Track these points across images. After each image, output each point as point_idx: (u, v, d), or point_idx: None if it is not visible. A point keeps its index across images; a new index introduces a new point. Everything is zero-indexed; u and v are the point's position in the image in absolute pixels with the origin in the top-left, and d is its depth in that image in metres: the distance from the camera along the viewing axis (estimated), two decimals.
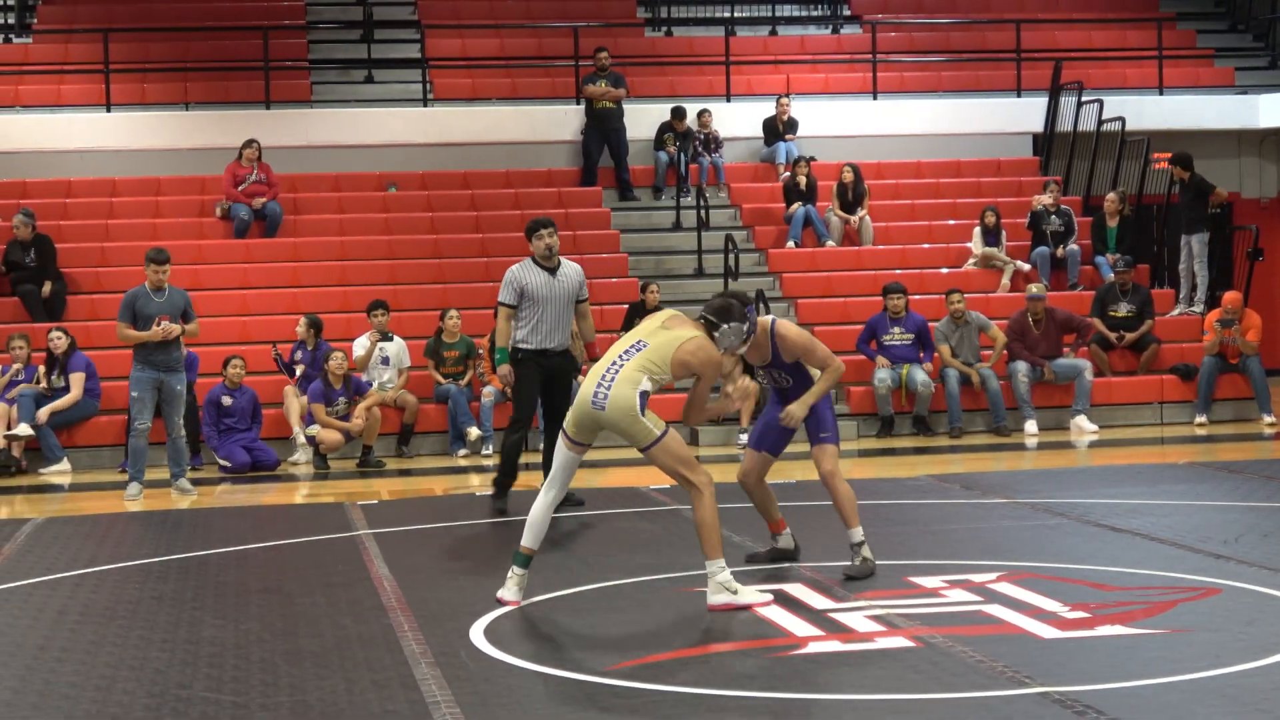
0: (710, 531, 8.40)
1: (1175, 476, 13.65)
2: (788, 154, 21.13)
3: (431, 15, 23.32)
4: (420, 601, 8.83)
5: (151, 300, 13.95)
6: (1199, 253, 19.68)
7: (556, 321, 12.14)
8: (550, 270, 12.15)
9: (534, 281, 12.10)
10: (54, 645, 8.04)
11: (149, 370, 13.95)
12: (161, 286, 14.01)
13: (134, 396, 14.05)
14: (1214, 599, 8.44)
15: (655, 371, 8.47)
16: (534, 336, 12.11)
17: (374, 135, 21.08)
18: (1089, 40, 24.19)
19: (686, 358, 8.53)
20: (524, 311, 12.13)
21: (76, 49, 21.97)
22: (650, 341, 8.57)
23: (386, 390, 16.65)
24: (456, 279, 18.95)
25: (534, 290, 12.08)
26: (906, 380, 17.33)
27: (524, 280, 12.11)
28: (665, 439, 8.41)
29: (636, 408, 8.36)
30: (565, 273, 12.20)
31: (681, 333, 8.61)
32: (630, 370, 8.44)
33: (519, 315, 12.16)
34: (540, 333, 12.10)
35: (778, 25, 24.49)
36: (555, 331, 12.14)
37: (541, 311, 12.09)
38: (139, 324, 13.91)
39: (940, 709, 6.49)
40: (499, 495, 12.35)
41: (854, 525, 9.23)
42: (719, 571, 8.40)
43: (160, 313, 13.87)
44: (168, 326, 13.81)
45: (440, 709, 6.61)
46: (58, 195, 19.87)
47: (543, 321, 12.10)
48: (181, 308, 14.01)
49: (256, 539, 11.44)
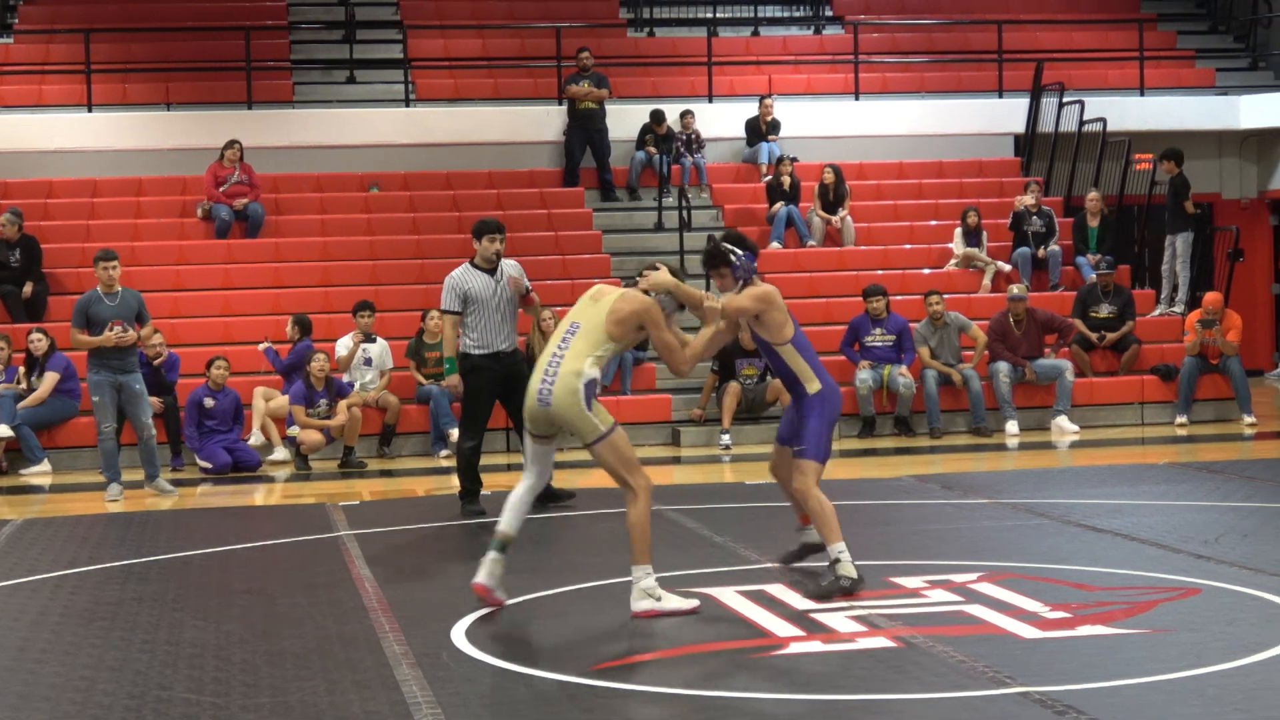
0: (640, 536, 8.31)
1: (1156, 477, 13.68)
2: (770, 155, 21.14)
3: (414, 15, 23.31)
4: (402, 602, 8.83)
5: (104, 304, 13.84)
6: (1182, 252, 19.74)
7: (503, 322, 12.13)
8: (490, 272, 12.14)
9: (476, 285, 12.08)
10: (34, 647, 8.02)
11: (105, 373, 13.85)
12: (113, 288, 13.88)
13: (95, 401, 13.95)
14: (1194, 599, 8.46)
15: (597, 349, 8.37)
16: (484, 340, 12.09)
17: (356, 136, 21.06)
18: (1070, 41, 24.24)
19: (619, 314, 8.40)
20: (469, 317, 12.11)
21: (58, 49, 21.93)
22: (582, 320, 8.48)
23: (369, 391, 16.64)
24: (438, 280, 18.66)
25: (477, 294, 12.06)
26: (888, 381, 17.35)
27: (467, 285, 12.09)
28: (611, 436, 8.33)
29: (582, 402, 8.27)
30: (504, 272, 12.19)
31: (607, 299, 8.52)
32: (571, 360, 8.33)
33: (465, 321, 12.14)
34: (489, 335, 12.09)
35: (760, 26, 24.51)
36: (502, 332, 12.13)
37: (488, 315, 12.07)
38: (92, 328, 13.79)
39: (921, 709, 6.49)
40: (470, 501, 12.33)
41: (832, 541, 8.76)
42: (644, 578, 8.32)
43: (114, 316, 13.75)
44: (120, 333, 13.67)
45: (422, 710, 6.60)
46: (39, 196, 19.82)
47: (489, 324, 12.08)
48: (135, 310, 13.88)
49: (238, 540, 11.42)
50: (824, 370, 9.02)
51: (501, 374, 12.12)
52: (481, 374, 12.11)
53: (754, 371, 16.99)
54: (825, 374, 9.00)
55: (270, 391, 16.48)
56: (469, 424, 12.33)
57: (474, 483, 12.35)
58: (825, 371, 9.03)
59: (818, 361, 9.02)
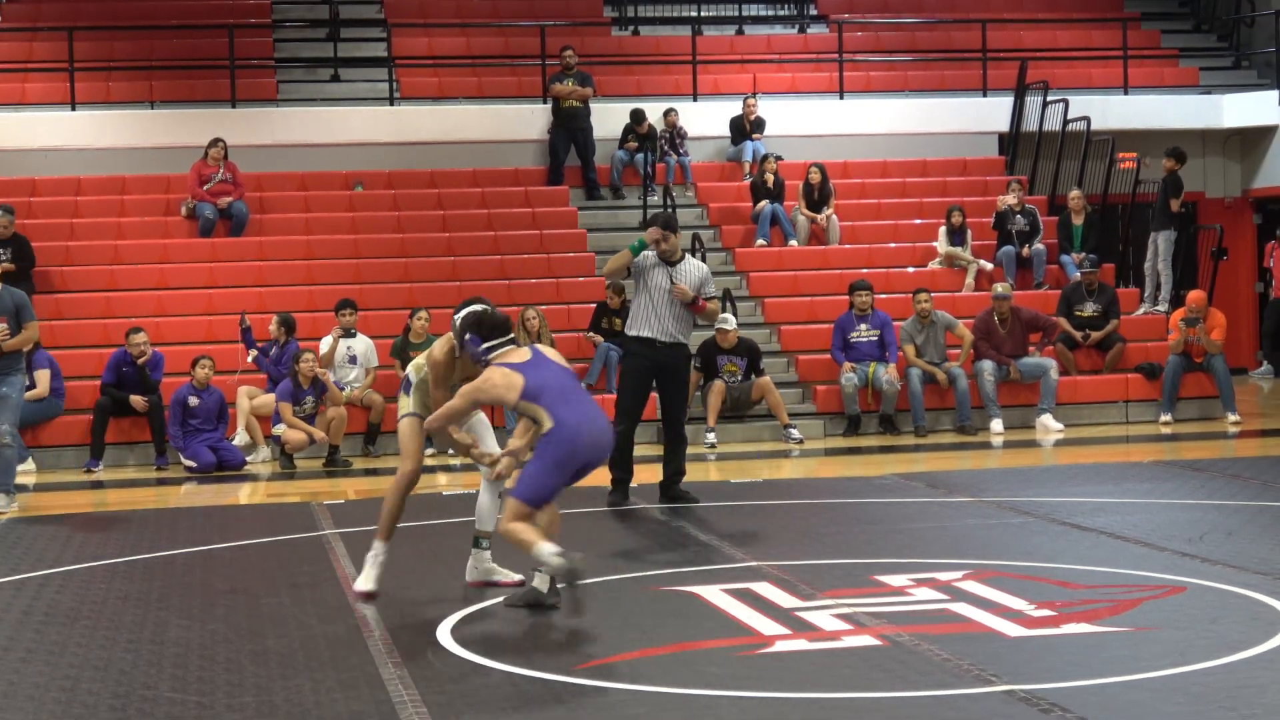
0: (386, 515, 9.02)
1: (1140, 475, 13.70)
2: (754, 153, 21.14)
3: (398, 14, 23.28)
4: (387, 601, 8.82)
5: None
6: (1164, 251, 19.78)
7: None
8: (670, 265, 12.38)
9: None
10: (18, 646, 8.00)
11: None
12: None
13: None
14: (1179, 597, 8.48)
15: (422, 368, 9.05)
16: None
17: (340, 134, 21.03)
18: (1054, 40, 24.27)
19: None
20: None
21: (41, 47, 21.85)
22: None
23: (355, 389, 16.62)
24: (423, 278, 18.91)
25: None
26: (872, 379, 17.36)
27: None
28: (405, 420, 9.02)
29: (401, 389, 9.11)
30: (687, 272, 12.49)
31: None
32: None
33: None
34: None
35: (744, 25, 24.50)
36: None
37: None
38: None
39: (906, 707, 6.50)
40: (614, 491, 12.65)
41: (532, 549, 8.10)
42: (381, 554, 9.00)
43: None
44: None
45: (407, 709, 6.60)
46: (22, 194, 19.73)
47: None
48: (13, 309, 12.99)
49: (222, 539, 11.40)
50: (569, 408, 8.31)
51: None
52: (634, 359, 12.45)
53: (736, 369, 17.00)
54: (567, 412, 8.29)
55: (254, 390, 16.45)
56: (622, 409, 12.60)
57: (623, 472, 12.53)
58: (571, 410, 8.31)
59: (563, 397, 8.35)
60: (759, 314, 18.99)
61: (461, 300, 9.10)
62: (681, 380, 12.55)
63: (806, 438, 16.90)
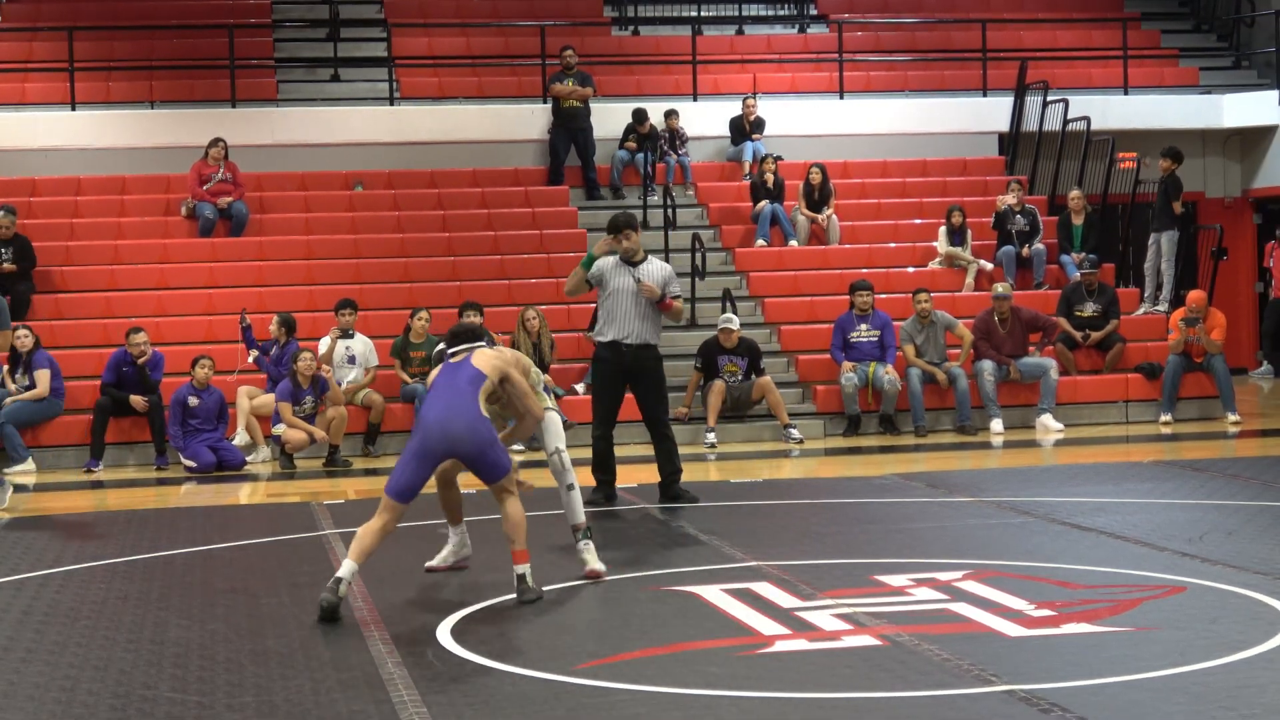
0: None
1: (1140, 475, 13.70)
2: (754, 153, 21.14)
3: (398, 14, 23.28)
4: (387, 601, 8.82)
5: None
6: (1167, 251, 19.78)
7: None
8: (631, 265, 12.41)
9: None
10: (19, 646, 8.00)
11: None
12: None
13: None
14: (1179, 597, 8.47)
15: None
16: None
17: (340, 134, 21.03)
18: (1054, 40, 24.27)
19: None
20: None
21: (41, 47, 21.86)
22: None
23: (351, 386, 16.63)
24: (423, 278, 18.91)
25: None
26: (872, 379, 17.35)
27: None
28: None
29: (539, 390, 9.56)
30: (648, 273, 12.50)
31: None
32: None
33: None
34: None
35: (744, 25, 24.51)
36: None
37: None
38: None
39: (906, 707, 6.50)
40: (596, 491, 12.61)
41: (347, 559, 8.59)
42: None
43: None
44: None
45: (407, 709, 6.60)
46: (22, 194, 19.74)
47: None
48: None
49: (222, 539, 11.40)
50: (429, 404, 8.81)
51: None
52: (603, 364, 12.43)
53: (737, 369, 17.00)
54: (426, 407, 8.82)
55: (254, 390, 16.45)
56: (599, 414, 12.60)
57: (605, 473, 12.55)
58: (429, 405, 8.79)
59: (432, 395, 8.85)
60: (759, 314, 18.99)
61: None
62: (654, 380, 12.46)
63: (806, 438, 16.90)
